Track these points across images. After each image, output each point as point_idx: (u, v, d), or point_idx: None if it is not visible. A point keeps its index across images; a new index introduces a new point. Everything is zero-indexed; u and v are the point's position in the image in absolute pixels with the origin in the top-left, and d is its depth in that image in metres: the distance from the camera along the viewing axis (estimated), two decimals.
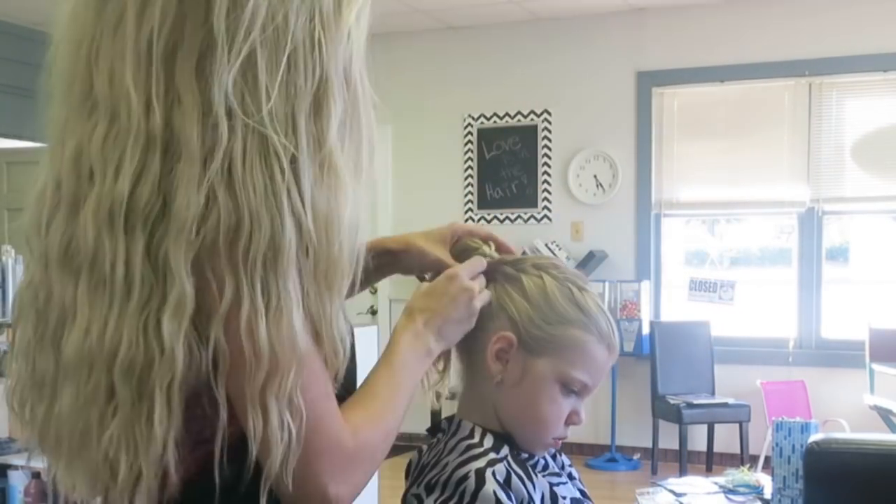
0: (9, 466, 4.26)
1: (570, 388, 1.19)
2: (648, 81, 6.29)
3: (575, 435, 5.62)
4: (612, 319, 1.23)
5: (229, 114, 0.86)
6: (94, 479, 0.93)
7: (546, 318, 1.18)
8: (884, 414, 5.30)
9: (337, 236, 0.91)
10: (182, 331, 0.86)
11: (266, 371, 0.88)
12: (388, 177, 6.91)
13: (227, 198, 0.86)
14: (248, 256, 0.86)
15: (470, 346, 1.21)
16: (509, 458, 1.17)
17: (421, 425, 1.32)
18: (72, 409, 0.92)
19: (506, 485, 1.11)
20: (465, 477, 1.11)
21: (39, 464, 3.60)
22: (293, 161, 0.88)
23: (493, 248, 1.25)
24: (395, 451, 1.70)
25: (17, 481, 4.23)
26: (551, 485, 1.19)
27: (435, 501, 1.12)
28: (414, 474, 1.20)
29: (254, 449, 0.90)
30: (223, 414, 0.89)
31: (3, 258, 4.17)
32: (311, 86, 0.90)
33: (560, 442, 1.21)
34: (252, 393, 0.88)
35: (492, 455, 1.15)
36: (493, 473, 1.11)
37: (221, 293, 0.86)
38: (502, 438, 1.19)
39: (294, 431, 0.90)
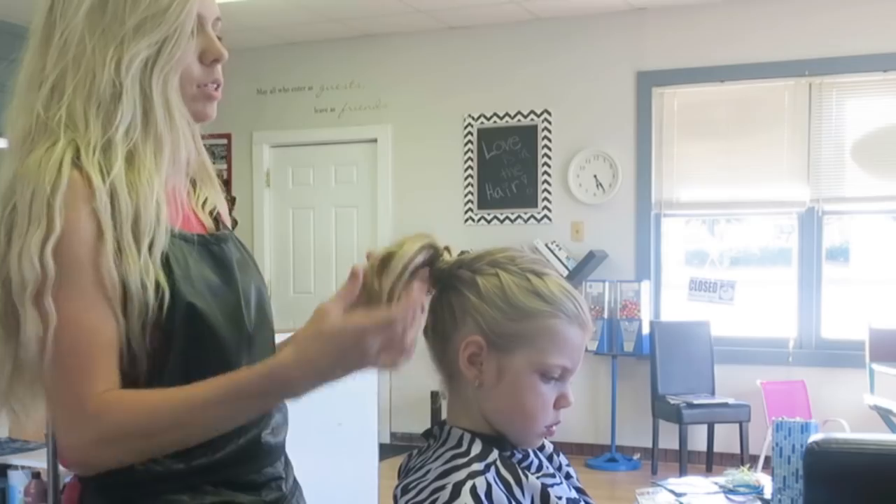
0: (9, 466, 4.25)
1: (550, 376, 1.18)
2: (648, 81, 6.29)
3: (575, 435, 5.60)
4: (578, 297, 1.20)
5: (38, 116, 1.21)
6: None
7: (508, 315, 1.16)
8: (884, 414, 5.30)
9: (120, 201, 1.17)
10: None
11: (17, 281, 1.13)
12: (389, 177, 6.91)
13: (19, 170, 1.18)
14: (19, 208, 1.14)
15: (444, 357, 1.21)
16: (497, 463, 1.16)
17: (422, 425, 1.32)
18: None
19: (486, 498, 1.11)
20: (441, 488, 1.11)
21: (40, 463, 3.58)
22: (80, 146, 1.19)
23: (452, 253, 1.22)
24: (396, 451, 1.70)
25: (17, 481, 4.23)
26: (545, 485, 1.18)
27: (406, 502, 1.14)
28: (402, 477, 1.20)
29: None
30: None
31: None
32: (106, 94, 1.21)
33: (554, 429, 1.21)
34: (20, 299, 1.14)
35: (474, 466, 1.14)
36: (473, 487, 1.11)
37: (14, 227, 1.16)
38: (492, 442, 1.18)
39: (42, 332, 1.12)
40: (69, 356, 1.13)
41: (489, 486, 1.12)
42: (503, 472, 1.16)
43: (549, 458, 1.27)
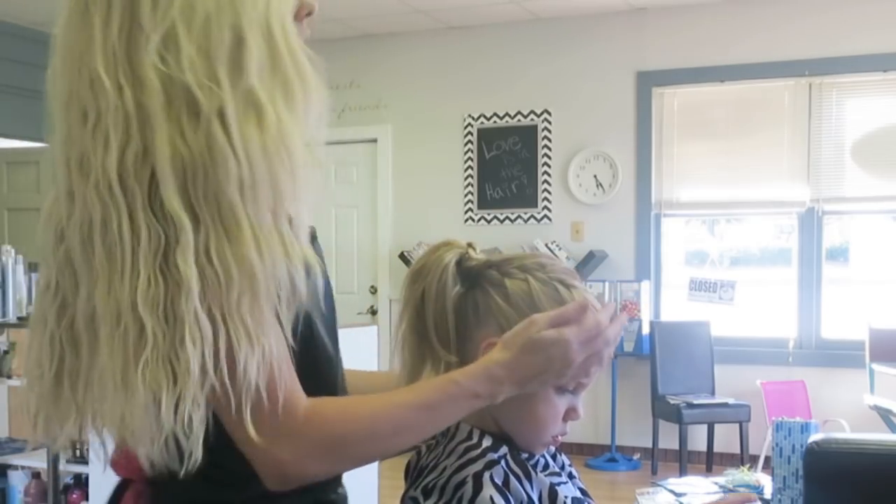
0: (9, 466, 4.26)
1: (565, 388, 1.16)
2: (648, 81, 6.29)
3: (575, 435, 5.58)
4: None
5: (160, 76, 1.03)
6: (144, 419, 1.00)
7: None
8: (884, 414, 5.30)
9: (278, 163, 1.05)
10: (192, 262, 1.00)
11: (237, 289, 1.00)
12: (389, 177, 6.91)
13: (182, 143, 1.02)
14: (197, 192, 1.02)
15: (462, 353, 1.20)
16: (508, 457, 1.16)
17: None
18: (109, 355, 1.02)
19: (504, 487, 1.11)
20: (463, 482, 1.10)
21: (40, 463, 3.58)
22: (220, 109, 1.03)
23: (477, 249, 1.23)
24: None
25: (17, 481, 4.24)
26: (552, 483, 1.18)
27: None
28: (412, 476, 1.19)
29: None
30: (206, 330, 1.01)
31: (3, 258, 4.17)
32: (227, 44, 1.05)
33: (560, 439, 1.20)
34: (228, 310, 1.00)
35: (490, 456, 1.14)
36: (491, 477, 1.10)
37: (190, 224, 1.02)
38: (500, 438, 1.18)
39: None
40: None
41: (506, 474, 1.12)
42: (513, 466, 1.16)
43: (553, 457, 1.27)
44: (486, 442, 1.16)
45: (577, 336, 1.09)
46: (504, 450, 1.17)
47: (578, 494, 1.23)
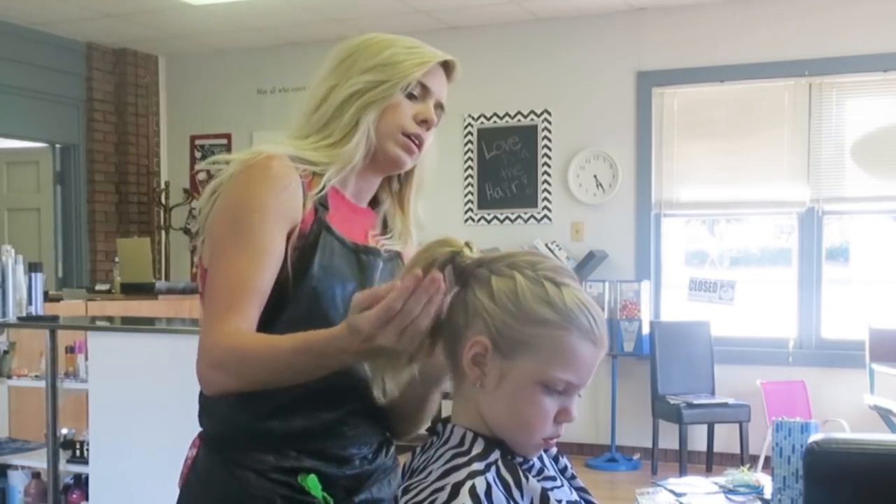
0: (9, 466, 4.25)
1: (554, 389, 1.14)
2: (648, 81, 6.29)
3: (575, 435, 5.58)
4: (594, 312, 1.16)
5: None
6: None
7: (517, 319, 1.13)
8: (884, 414, 5.30)
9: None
10: None
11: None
12: None
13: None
14: None
15: (453, 352, 1.19)
16: (499, 463, 1.15)
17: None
18: None
19: (485, 498, 1.09)
20: (441, 488, 1.10)
21: (40, 463, 3.56)
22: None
23: (473, 249, 1.21)
24: (399, 450, 1.69)
25: (17, 481, 4.23)
26: (545, 489, 1.16)
27: (406, 502, 1.13)
28: (405, 476, 1.20)
29: None
30: None
31: (3, 258, 4.16)
32: (312, 108, 1.58)
33: (553, 441, 1.18)
34: None
35: (475, 466, 1.12)
36: (472, 487, 1.09)
37: None
38: (494, 443, 1.17)
39: None
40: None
41: (489, 485, 1.11)
42: (503, 472, 1.14)
43: (555, 460, 1.26)
44: (478, 448, 1.15)
45: (373, 322, 1.14)
46: (495, 455, 1.15)
47: (575, 497, 1.22)
